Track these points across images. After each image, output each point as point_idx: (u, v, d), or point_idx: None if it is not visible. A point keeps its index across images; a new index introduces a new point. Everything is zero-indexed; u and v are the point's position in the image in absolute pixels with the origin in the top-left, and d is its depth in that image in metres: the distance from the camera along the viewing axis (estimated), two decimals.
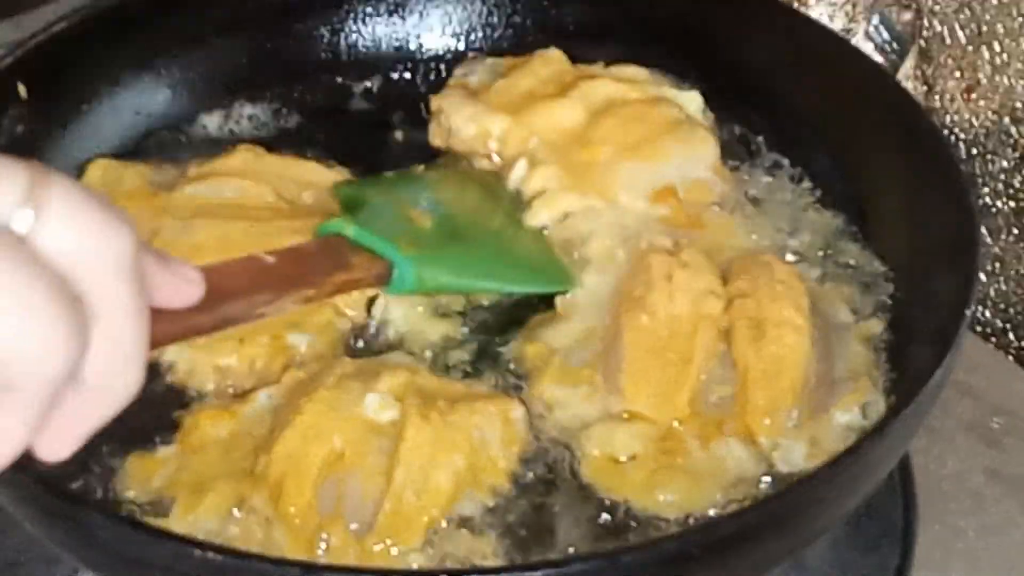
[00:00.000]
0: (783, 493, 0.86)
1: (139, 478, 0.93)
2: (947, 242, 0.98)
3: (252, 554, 0.80)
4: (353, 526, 0.88)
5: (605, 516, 0.91)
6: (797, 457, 0.94)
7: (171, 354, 1.00)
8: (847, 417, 0.96)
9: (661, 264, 1.03)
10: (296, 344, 1.02)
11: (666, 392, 0.96)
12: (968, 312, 0.91)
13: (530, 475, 0.94)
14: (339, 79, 1.30)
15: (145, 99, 1.22)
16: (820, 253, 1.11)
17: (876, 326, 1.03)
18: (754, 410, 0.95)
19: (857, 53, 1.21)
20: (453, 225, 1.07)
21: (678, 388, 0.96)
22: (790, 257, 1.09)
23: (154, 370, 1.00)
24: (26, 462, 0.56)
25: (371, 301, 1.05)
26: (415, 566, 0.87)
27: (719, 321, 1.00)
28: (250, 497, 0.89)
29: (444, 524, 0.89)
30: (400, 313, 1.05)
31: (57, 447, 0.60)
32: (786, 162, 1.19)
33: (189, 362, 1.00)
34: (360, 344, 1.04)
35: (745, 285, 1.01)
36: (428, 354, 1.03)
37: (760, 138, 1.21)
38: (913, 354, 0.96)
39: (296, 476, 0.89)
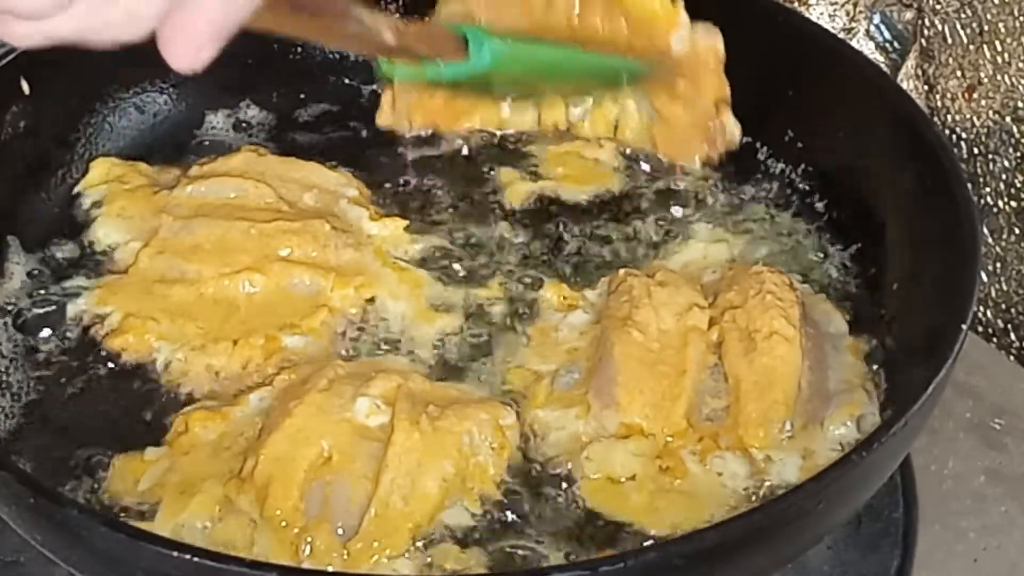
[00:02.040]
0: (766, 506, 0.83)
1: (127, 479, 0.90)
2: (946, 254, 0.95)
3: (231, 557, 0.77)
4: (339, 530, 0.84)
5: (594, 527, 0.88)
6: (791, 469, 0.91)
7: (165, 355, 0.97)
8: (841, 430, 0.93)
9: (640, 284, 1.00)
10: (290, 346, 0.98)
11: (661, 403, 0.93)
12: (965, 327, 0.87)
13: (519, 485, 0.90)
14: (346, 80, 1.25)
15: (149, 98, 1.19)
16: (814, 260, 1.08)
17: (871, 337, 1.00)
18: (747, 422, 0.92)
19: (856, 55, 1.18)
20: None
21: (674, 400, 0.93)
22: (782, 265, 1.06)
23: (146, 371, 0.97)
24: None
25: (369, 301, 1.02)
26: (400, 572, 0.83)
27: (708, 333, 0.97)
28: (237, 499, 0.86)
29: (430, 531, 0.86)
30: (397, 311, 1.02)
31: (185, 49, 0.56)
32: (783, 166, 1.15)
33: (182, 363, 0.97)
34: (356, 344, 1.00)
35: (735, 297, 0.99)
36: (424, 353, 0.99)
37: (765, 147, 1.16)
38: (908, 367, 0.92)
39: (283, 479, 0.86)
